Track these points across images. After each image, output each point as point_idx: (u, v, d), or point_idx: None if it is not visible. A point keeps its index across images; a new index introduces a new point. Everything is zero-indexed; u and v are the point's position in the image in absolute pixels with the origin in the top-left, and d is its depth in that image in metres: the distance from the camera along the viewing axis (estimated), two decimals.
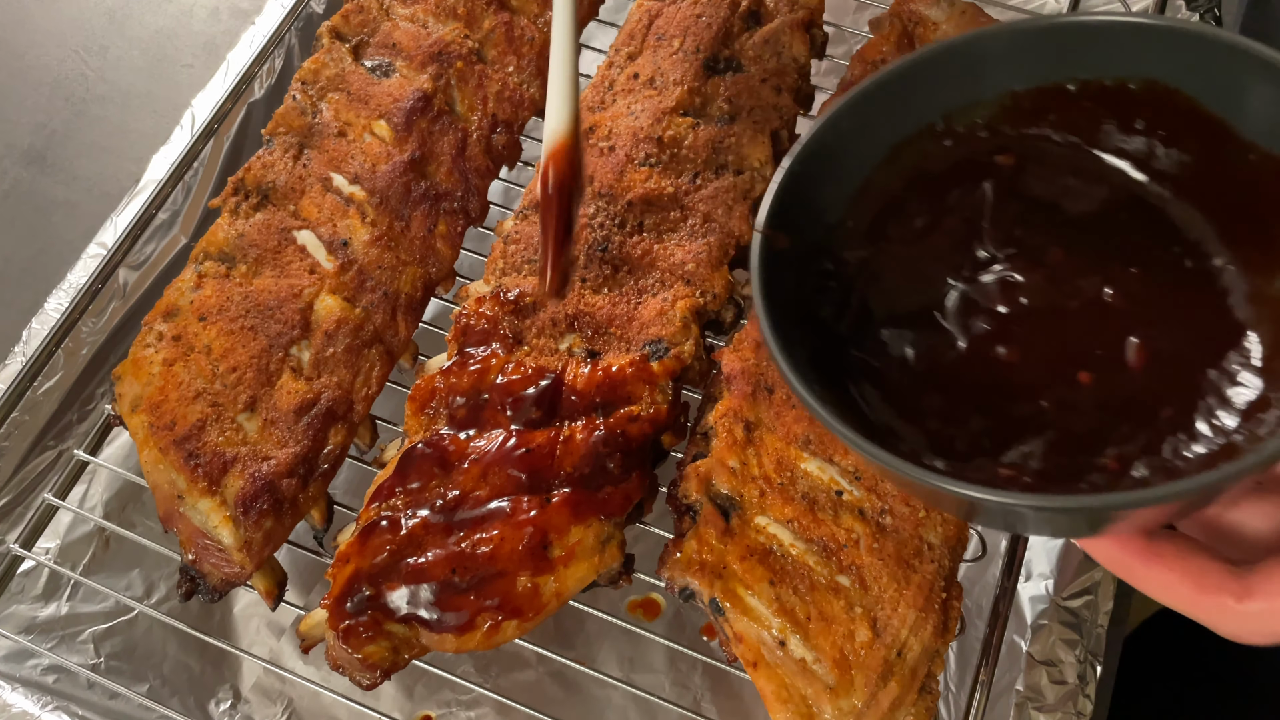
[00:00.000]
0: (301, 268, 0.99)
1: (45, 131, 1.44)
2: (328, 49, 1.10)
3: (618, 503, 0.89)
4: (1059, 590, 0.93)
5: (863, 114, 0.62)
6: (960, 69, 0.62)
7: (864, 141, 0.63)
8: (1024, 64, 0.62)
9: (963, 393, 0.56)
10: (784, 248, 0.58)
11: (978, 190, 0.62)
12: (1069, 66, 0.61)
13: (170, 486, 0.89)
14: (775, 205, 0.59)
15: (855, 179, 0.63)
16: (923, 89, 0.62)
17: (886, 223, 0.63)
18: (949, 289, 0.59)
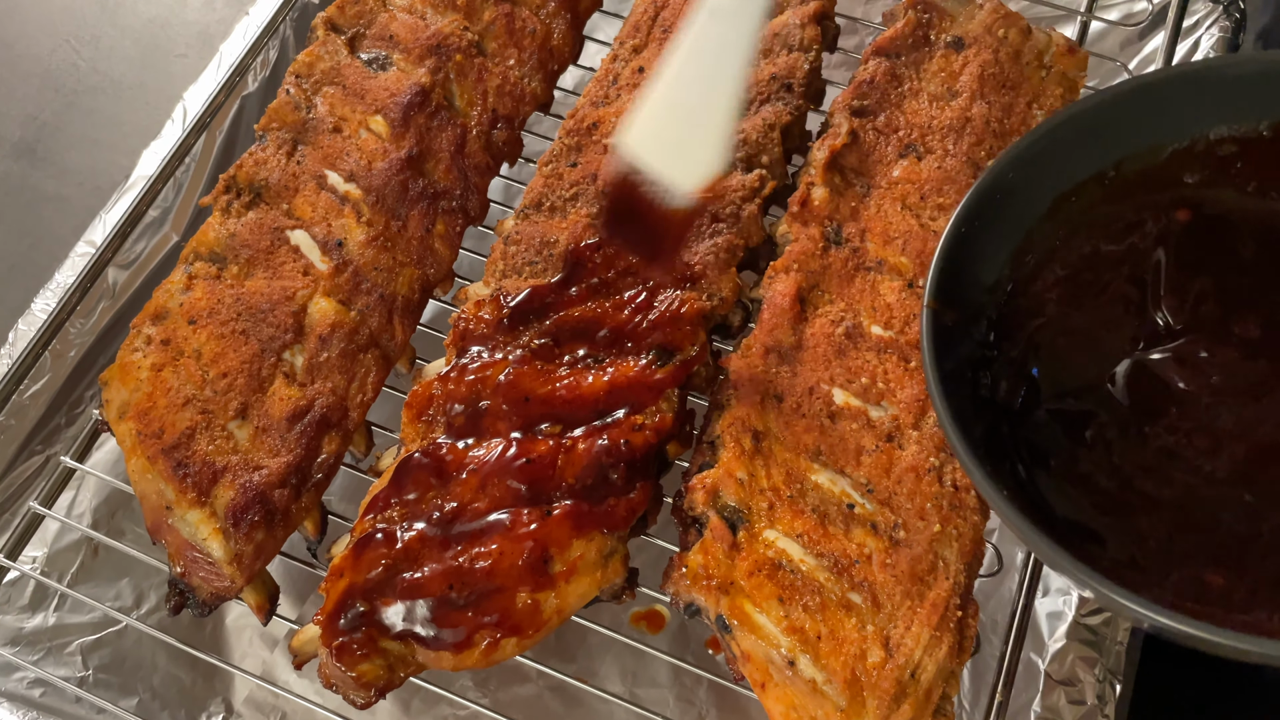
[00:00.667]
0: (295, 269, 0.95)
1: (35, 124, 1.40)
2: (323, 41, 1.06)
3: (621, 515, 0.86)
4: (1079, 607, 0.90)
5: (1030, 163, 0.57)
6: (1143, 111, 0.57)
7: (1027, 193, 0.58)
8: (1214, 108, 0.56)
9: (1149, 486, 0.51)
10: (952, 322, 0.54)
11: (1153, 248, 0.56)
12: (1262, 111, 0.56)
13: (158, 497, 0.86)
14: (939, 275, 0.55)
15: (1016, 234, 0.58)
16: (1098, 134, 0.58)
17: (1050, 284, 0.58)
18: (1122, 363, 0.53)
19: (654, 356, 0.92)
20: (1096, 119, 0.57)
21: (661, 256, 0.85)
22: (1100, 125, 0.57)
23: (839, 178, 0.99)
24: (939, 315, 0.55)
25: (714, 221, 0.98)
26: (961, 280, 0.57)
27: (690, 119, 0.79)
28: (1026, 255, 0.59)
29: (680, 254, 0.88)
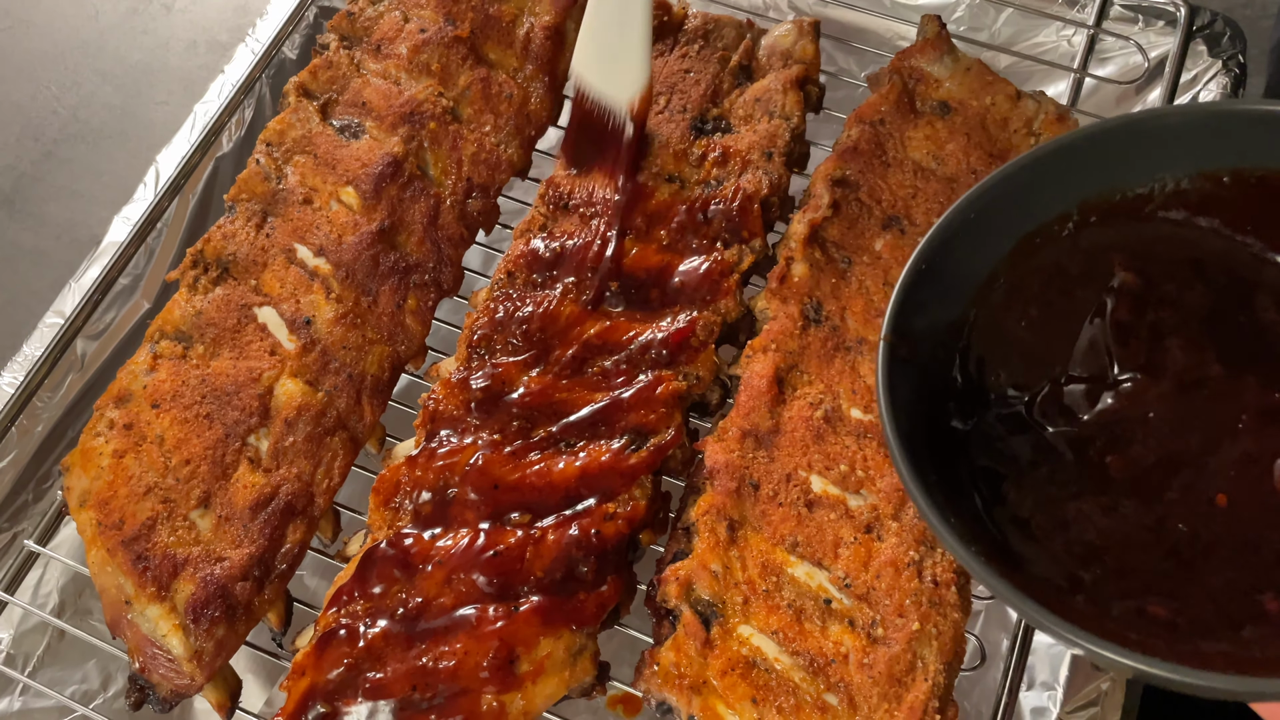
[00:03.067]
0: (261, 348, 0.93)
1: (14, 174, 1.39)
2: (294, 108, 1.04)
3: (591, 611, 0.84)
4: (1064, 703, 0.87)
5: (991, 203, 0.58)
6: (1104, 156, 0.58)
7: (991, 232, 0.59)
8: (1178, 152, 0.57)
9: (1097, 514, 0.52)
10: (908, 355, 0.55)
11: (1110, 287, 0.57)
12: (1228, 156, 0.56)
13: (118, 591, 0.84)
14: (898, 308, 0.56)
15: (981, 272, 0.59)
16: (1059, 176, 0.58)
17: (1011, 321, 0.59)
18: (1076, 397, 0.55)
19: (628, 440, 0.90)
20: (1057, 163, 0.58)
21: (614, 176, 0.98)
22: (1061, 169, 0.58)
23: (819, 252, 0.96)
24: (895, 349, 0.55)
25: (690, 298, 0.95)
26: (922, 316, 0.57)
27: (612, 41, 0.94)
28: (990, 292, 0.59)
29: (631, 178, 0.99)
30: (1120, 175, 0.58)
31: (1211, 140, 0.56)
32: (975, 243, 0.58)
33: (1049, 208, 0.59)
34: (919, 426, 0.54)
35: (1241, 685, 0.43)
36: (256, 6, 1.40)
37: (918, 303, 0.56)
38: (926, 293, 0.57)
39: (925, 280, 0.57)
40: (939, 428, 0.55)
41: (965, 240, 0.58)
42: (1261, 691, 0.44)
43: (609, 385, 0.92)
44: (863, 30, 1.23)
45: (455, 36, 1.06)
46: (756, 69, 1.06)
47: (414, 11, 1.09)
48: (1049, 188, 0.59)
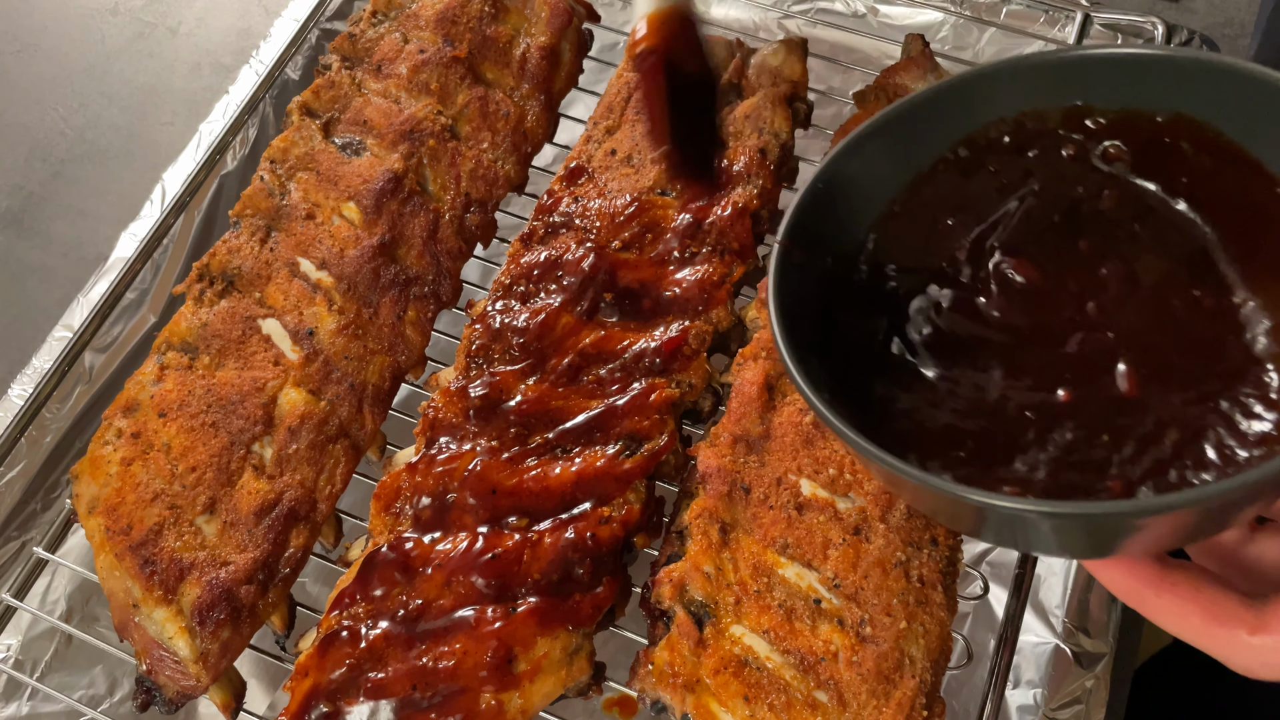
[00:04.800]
0: (266, 359, 0.96)
1: (22, 194, 1.42)
2: (297, 126, 1.07)
3: (587, 611, 0.86)
4: (1049, 700, 0.89)
5: (885, 139, 0.62)
6: (980, 99, 0.62)
7: (885, 169, 0.63)
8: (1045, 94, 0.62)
9: (963, 402, 0.56)
10: (800, 261, 0.59)
11: (999, 204, 0.62)
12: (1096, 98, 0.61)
13: (125, 595, 0.87)
14: (795, 219, 0.60)
15: (879, 204, 0.64)
16: (943, 118, 0.63)
17: (907, 236, 0.63)
18: (956, 297, 0.60)
19: (622, 446, 0.92)
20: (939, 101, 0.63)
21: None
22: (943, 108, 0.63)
23: None
24: (789, 252, 0.60)
25: (682, 307, 0.98)
26: (818, 233, 0.62)
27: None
28: (890, 218, 0.64)
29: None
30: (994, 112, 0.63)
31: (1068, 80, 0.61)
32: (872, 173, 0.63)
33: (938, 147, 0.64)
34: (807, 325, 0.58)
35: (1103, 508, 0.46)
36: (259, 30, 1.44)
37: (815, 220, 0.61)
38: (825, 213, 0.61)
39: (823, 200, 0.61)
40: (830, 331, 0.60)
41: (864, 170, 0.62)
42: (1108, 510, 0.46)
43: (604, 393, 0.95)
44: (850, 49, 1.26)
45: (453, 57, 1.09)
46: (746, 87, 1.09)
47: (414, 33, 1.12)
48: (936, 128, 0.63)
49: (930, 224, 0.63)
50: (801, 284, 0.59)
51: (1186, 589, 0.51)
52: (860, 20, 1.29)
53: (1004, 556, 1.00)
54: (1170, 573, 0.52)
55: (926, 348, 0.59)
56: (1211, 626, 0.51)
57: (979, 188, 0.63)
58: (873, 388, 0.59)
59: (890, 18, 1.30)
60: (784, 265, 0.59)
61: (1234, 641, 0.50)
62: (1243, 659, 0.50)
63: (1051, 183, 0.62)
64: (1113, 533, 0.49)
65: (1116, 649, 0.92)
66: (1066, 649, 0.92)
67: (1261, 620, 0.50)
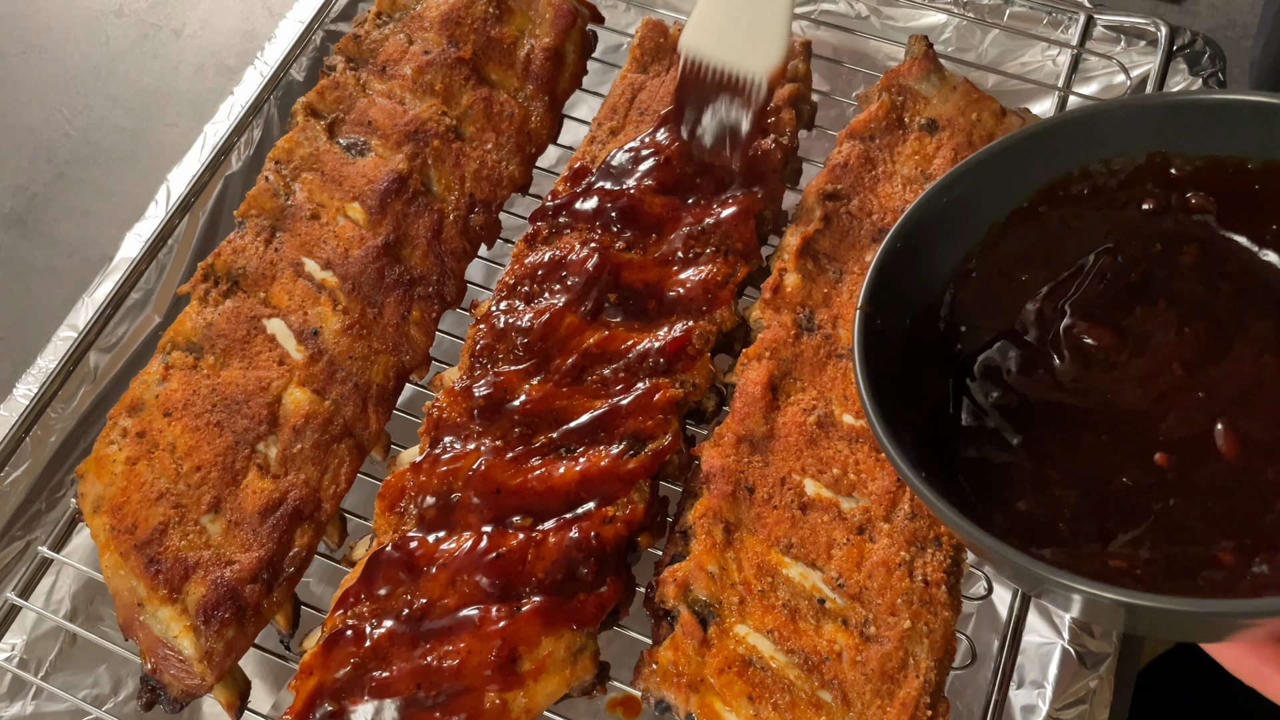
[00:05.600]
0: (270, 358, 0.96)
1: (26, 194, 1.42)
2: (302, 126, 1.07)
3: (591, 611, 0.86)
4: (1054, 700, 0.89)
5: (959, 193, 0.61)
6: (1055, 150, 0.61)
7: (965, 218, 0.62)
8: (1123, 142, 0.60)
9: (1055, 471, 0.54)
10: (882, 326, 0.58)
11: (1074, 260, 0.60)
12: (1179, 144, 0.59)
13: (130, 594, 0.87)
14: (874, 281, 0.59)
15: (956, 256, 0.63)
16: (1018, 169, 0.61)
17: (983, 294, 0.62)
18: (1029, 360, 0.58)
19: (626, 445, 0.92)
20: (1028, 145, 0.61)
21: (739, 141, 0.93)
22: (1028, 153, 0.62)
23: (811, 263, 0.99)
24: (870, 318, 0.59)
25: (686, 307, 0.98)
26: (898, 293, 0.60)
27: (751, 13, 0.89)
28: (965, 274, 0.63)
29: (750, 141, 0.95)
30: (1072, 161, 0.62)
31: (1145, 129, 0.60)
32: (948, 228, 0.62)
33: (1013, 195, 0.62)
34: (892, 391, 0.56)
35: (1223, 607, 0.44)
36: (264, 31, 1.44)
37: (893, 280, 0.60)
38: (902, 271, 0.60)
39: (901, 258, 0.60)
40: (914, 395, 0.58)
41: (940, 225, 0.61)
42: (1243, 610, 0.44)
43: (608, 393, 0.95)
44: (854, 51, 1.27)
45: (458, 58, 1.10)
46: None
47: (418, 34, 1.12)
48: (1008, 179, 0.62)
49: (1005, 281, 0.62)
50: (885, 349, 0.58)
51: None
52: (864, 22, 1.29)
53: None
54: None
55: (1007, 412, 0.58)
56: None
57: (1054, 242, 0.61)
58: (961, 452, 0.57)
59: (894, 19, 1.30)
60: (867, 331, 0.58)
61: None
62: None
63: (1129, 238, 0.60)
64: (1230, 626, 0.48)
65: (1120, 649, 0.92)
66: (1070, 649, 0.92)
67: None
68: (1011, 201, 0.62)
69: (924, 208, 0.61)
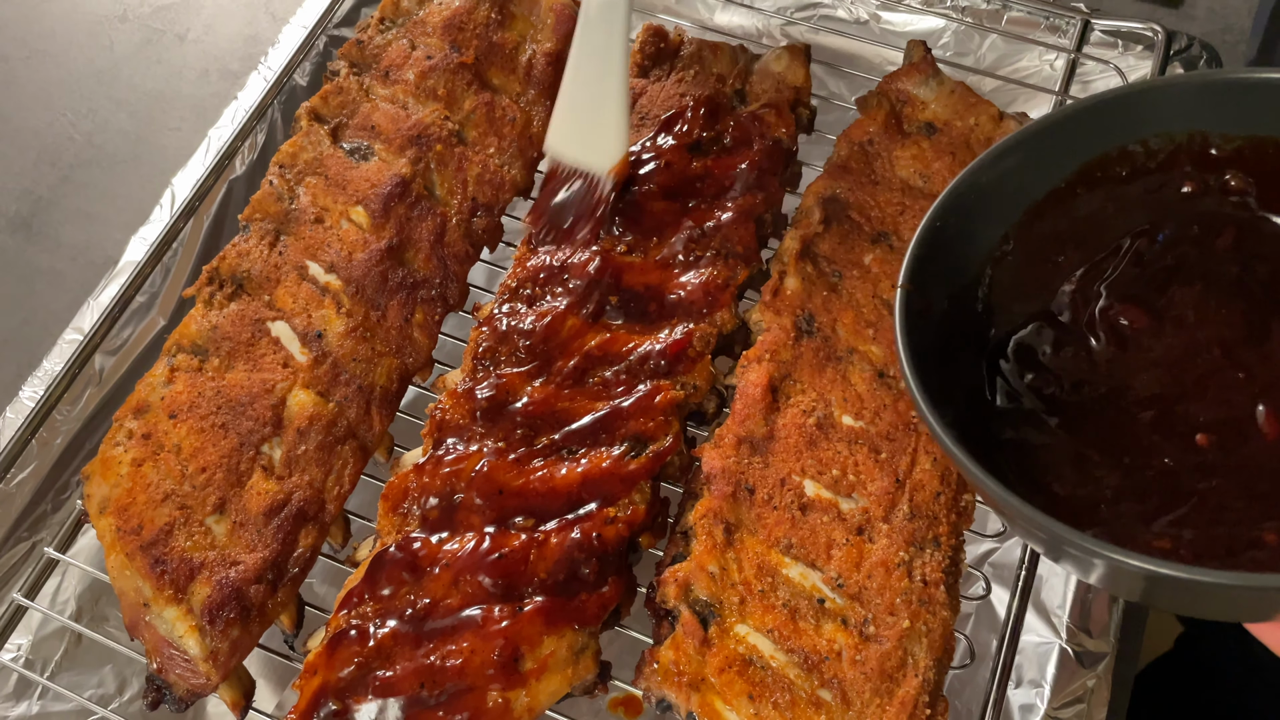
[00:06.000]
0: (274, 361, 0.97)
1: (31, 198, 1.43)
2: (306, 131, 1.08)
3: (593, 611, 0.87)
4: (1051, 699, 0.90)
5: (997, 173, 0.61)
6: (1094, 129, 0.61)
7: (1003, 198, 0.62)
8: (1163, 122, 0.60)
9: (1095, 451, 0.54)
10: (921, 306, 0.58)
11: (1111, 242, 0.60)
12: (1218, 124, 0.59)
13: (136, 594, 0.88)
14: (914, 260, 0.59)
15: (994, 238, 0.63)
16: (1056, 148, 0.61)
17: (1021, 274, 0.62)
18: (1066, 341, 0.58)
19: (628, 447, 0.93)
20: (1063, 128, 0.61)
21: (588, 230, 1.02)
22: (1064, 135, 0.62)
23: (811, 266, 1.00)
24: (910, 297, 0.58)
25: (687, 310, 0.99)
26: (936, 272, 0.60)
27: (590, 114, 0.99)
28: (1002, 254, 0.63)
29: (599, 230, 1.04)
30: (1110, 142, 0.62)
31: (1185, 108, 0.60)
32: (986, 208, 0.62)
33: (1052, 175, 0.62)
34: (932, 370, 0.56)
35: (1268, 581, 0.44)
36: (267, 36, 1.45)
37: (932, 259, 0.60)
38: (941, 251, 0.60)
39: (940, 238, 0.60)
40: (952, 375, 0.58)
41: (978, 205, 0.61)
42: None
43: (609, 395, 0.96)
44: (852, 56, 1.27)
45: (460, 63, 1.11)
46: (750, 93, 1.10)
47: (421, 39, 1.13)
48: (1058, 153, 0.62)
49: (1042, 262, 0.62)
50: (924, 328, 0.58)
51: None
52: (862, 27, 1.30)
53: (1006, 557, 1.01)
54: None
55: (1042, 394, 0.58)
56: None
57: (1091, 224, 0.61)
58: (999, 434, 0.57)
59: (892, 24, 1.31)
60: (908, 311, 0.58)
61: None
62: None
63: (1166, 220, 0.60)
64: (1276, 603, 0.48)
65: (1118, 649, 0.92)
66: (1069, 649, 0.92)
67: None
68: (1049, 182, 0.62)
69: (963, 187, 0.60)
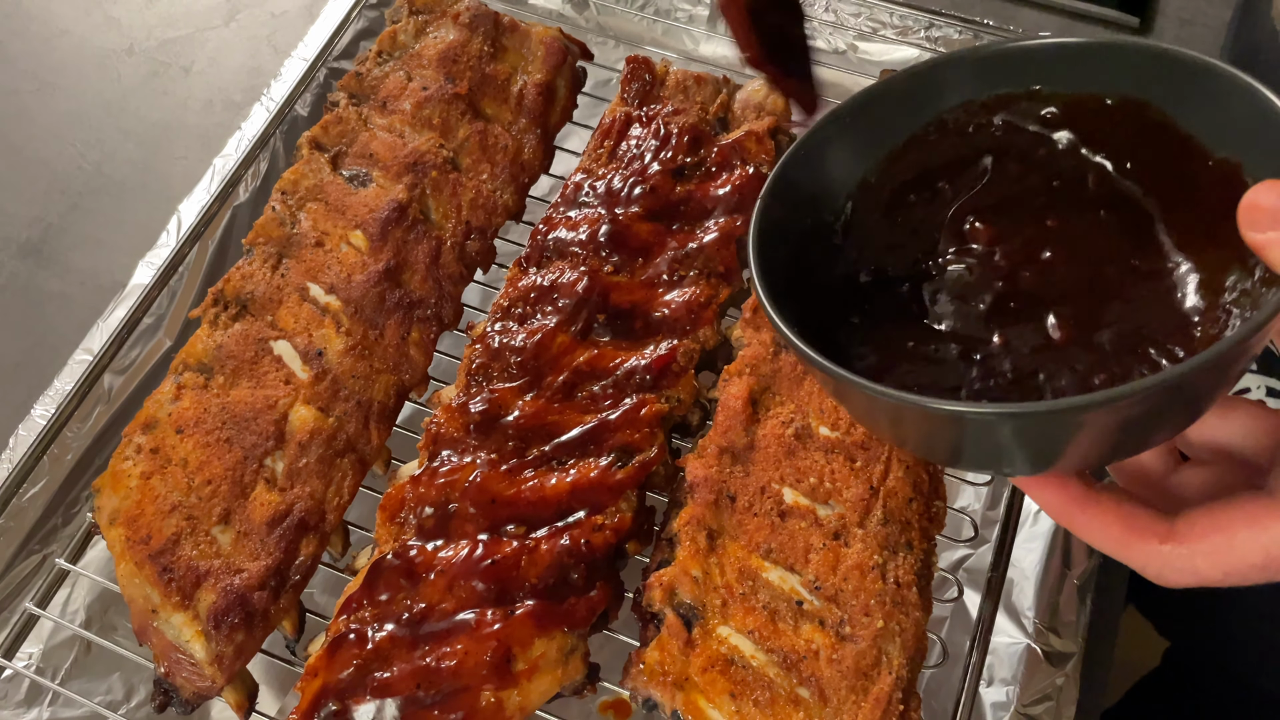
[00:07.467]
0: (277, 378, 1.01)
1: (41, 225, 1.48)
2: (307, 159, 1.13)
3: (582, 614, 0.91)
4: (1021, 696, 0.94)
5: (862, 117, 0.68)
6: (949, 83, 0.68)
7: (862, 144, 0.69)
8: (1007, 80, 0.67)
9: (914, 346, 0.61)
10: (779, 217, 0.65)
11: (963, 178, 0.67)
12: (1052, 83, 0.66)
13: (145, 601, 0.92)
14: (776, 179, 0.66)
15: (856, 175, 0.70)
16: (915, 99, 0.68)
17: (879, 206, 0.69)
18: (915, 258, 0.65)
19: (615, 458, 0.97)
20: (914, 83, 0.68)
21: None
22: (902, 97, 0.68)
23: None
24: (769, 208, 0.65)
25: (670, 327, 1.04)
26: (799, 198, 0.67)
27: None
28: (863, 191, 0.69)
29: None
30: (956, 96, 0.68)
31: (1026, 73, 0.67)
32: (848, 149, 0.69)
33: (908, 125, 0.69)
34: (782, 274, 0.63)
35: (1043, 406, 0.50)
36: (270, 69, 1.51)
37: (795, 185, 0.66)
38: (805, 180, 0.67)
39: (804, 165, 0.67)
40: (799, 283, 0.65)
41: (841, 144, 0.68)
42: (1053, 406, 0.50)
43: (597, 408, 1.00)
44: (830, 84, 1.33)
45: (455, 94, 1.16)
46: (732, 120, 1.15)
47: (417, 71, 1.19)
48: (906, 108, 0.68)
49: (901, 195, 0.69)
50: (780, 240, 0.65)
51: (1110, 504, 0.57)
52: (840, 57, 1.36)
53: (979, 563, 1.05)
54: (1096, 492, 0.58)
55: (885, 304, 0.65)
56: (1129, 537, 0.57)
57: (945, 161, 0.68)
58: (835, 333, 0.64)
59: (868, 54, 1.37)
60: (764, 219, 0.64)
61: (1147, 550, 0.56)
62: (1155, 567, 0.57)
63: (1011, 158, 0.67)
64: (1053, 435, 0.54)
65: (1085, 649, 0.96)
66: (1037, 648, 0.96)
67: (1172, 531, 0.56)
68: (907, 129, 0.69)
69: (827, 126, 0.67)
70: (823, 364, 0.56)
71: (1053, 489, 0.59)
